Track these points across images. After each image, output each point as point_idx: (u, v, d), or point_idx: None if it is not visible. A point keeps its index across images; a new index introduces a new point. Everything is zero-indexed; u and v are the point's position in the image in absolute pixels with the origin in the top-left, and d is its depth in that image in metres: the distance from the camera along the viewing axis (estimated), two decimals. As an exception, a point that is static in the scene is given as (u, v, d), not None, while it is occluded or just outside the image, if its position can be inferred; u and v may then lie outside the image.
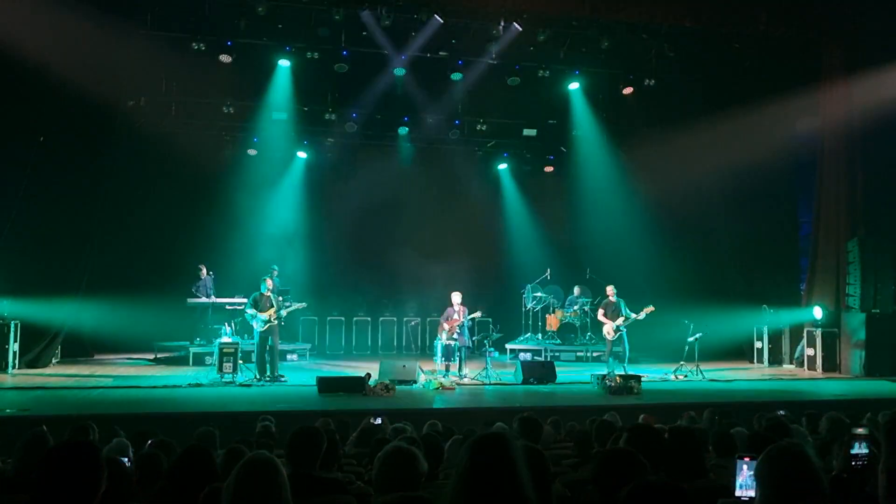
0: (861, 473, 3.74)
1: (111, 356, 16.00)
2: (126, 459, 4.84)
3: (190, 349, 15.23)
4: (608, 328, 13.97)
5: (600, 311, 14.27)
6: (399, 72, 16.25)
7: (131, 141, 15.31)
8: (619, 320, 13.84)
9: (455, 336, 13.72)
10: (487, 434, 2.67)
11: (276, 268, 15.69)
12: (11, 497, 3.98)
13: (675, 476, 4.03)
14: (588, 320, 17.61)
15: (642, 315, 13.72)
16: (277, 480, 2.77)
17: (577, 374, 14.11)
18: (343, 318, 18.59)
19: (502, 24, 14.95)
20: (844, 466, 3.93)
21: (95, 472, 2.66)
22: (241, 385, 12.41)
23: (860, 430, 4.13)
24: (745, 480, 3.30)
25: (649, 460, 3.70)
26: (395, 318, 18.98)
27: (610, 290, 14.22)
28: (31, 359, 13.84)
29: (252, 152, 18.44)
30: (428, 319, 18.50)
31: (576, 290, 17.94)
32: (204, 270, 15.92)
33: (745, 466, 3.35)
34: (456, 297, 13.97)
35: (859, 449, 3.87)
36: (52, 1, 12.15)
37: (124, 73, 14.12)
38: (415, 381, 12.70)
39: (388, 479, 3.34)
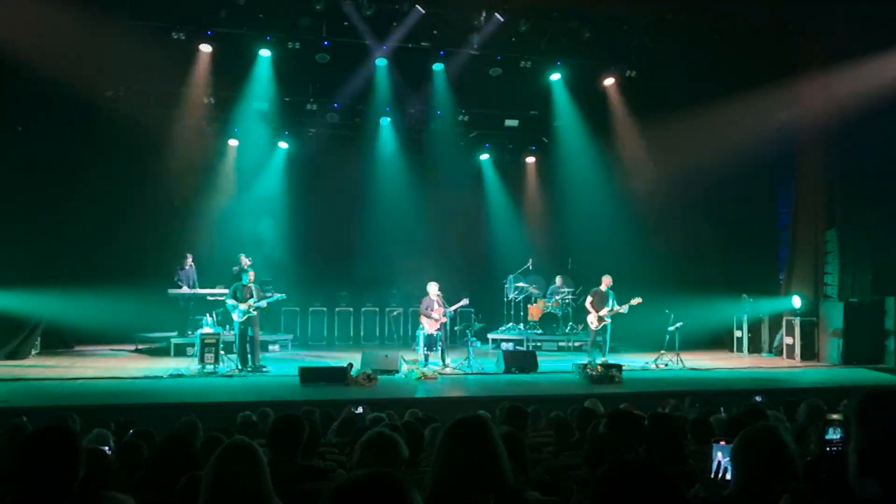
0: (835, 458, 3.79)
1: (92, 347, 15.91)
2: (107, 449, 4.82)
3: (171, 340, 15.16)
4: (592, 318, 14.01)
5: (588, 299, 14.27)
6: (381, 62, 16.21)
7: (110, 131, 15.17)
8: (604, 311, 13.89)
9: (437, 326, 13.75)
10: (466, 417, 2.70)
11: (242, 255, 15.74)
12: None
13: (654, 461, 4.06)
14: (570, 310, 17.68)
15: (626, 308, 13.80)
16: (256, 465, 2.77)
17: (558, 364, 14.18)
18: (325, 309, 18.56)
19: (484, 14, 14.95)
20: (819, 452, 3.99)
21: (73, 458, 2.65)
22: (223, 376, 12.39)
23: (835, 416, 4.18)
24: (721, 463, 3.34)
25: (628, 446, 3.74)
26: (377, 309, 18.96)
27: (606, 279, 14.12)
28: (11, 351, 13.74)
29: (233, 143, 18.37)
30: (410, 309, 18.50)
31: (557, 280, 17.99)
32: (189, 259, 15.81)
33: (720, 451, 3.39)
34: (433, 287, 13.97)
35: (833, 434, 3.92)
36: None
37: (102, 63, 13.98)
38: (397, 371, 12.74)
39: (369, 464, 3.36)
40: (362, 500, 1.71)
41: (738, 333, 17.02)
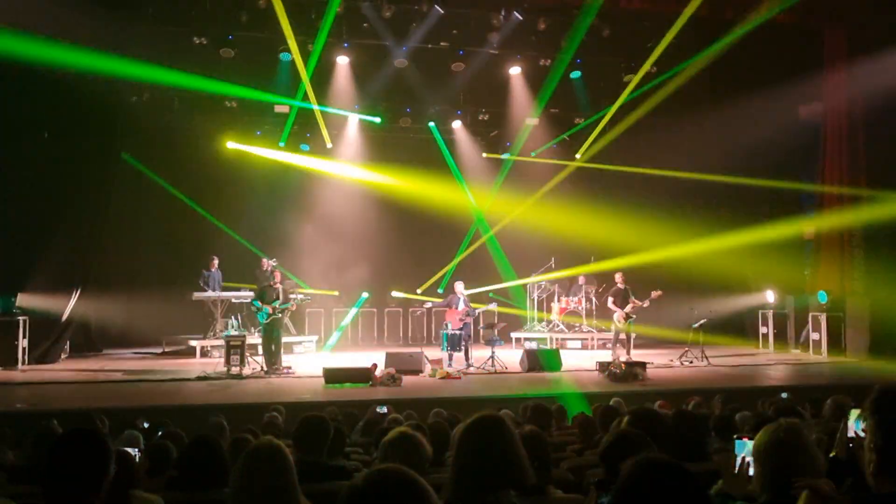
0: (856, 454, 3.78)
1: (119, 351, 16.12)
2: (137, 450, 4.90)
3: (197, 342, 15.32)
4: (619, 315, 14.01)
5: (610, 299, 14.31)
6: (400, 63, 16.26)
7: (135, 135, 15.37)
8: (629, 307, 13.88)
9: (461, 325, 13.77)
10: (482, 415, 2.74)
11: (263, 258, 15.92)
12: (21, 487, 4.07)
13: (676, 458, 4.06)
14: (593, 308, 17.63)
15: (647, 302, 13.80)
16: (284, 465, 2.82)
17: (582, 362, 14.16)
18: (349, 310, 18.65)
19: (503, 13, 14.96)
20: (842, 448, 3.97)
21: (104, 458, 2.72)
22: (248, 377, 12.50)
23: (857, 412, 4.16)
24: (744, 459, 3.35)
25: (645, 444, 3.76)
26: (400, 309, 19.03)
27: (619, 276, 14.24)
28: (40, 354, 13.95)
29: (256, 145, 18.48)
30: (434, 310, 18.55)
31: (580, 278, 17.95)
32: (215, 261, 15.96)
33: (743, 447, 3.40)
34: (459, 287, 14.02)
35: (856, 430, 3.91)
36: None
37: (126, 68, 14.15)
38: (421, 371, 12.79)
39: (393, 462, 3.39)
40: (375, 498, 1.76)
41: (763, 329, 16.91)
